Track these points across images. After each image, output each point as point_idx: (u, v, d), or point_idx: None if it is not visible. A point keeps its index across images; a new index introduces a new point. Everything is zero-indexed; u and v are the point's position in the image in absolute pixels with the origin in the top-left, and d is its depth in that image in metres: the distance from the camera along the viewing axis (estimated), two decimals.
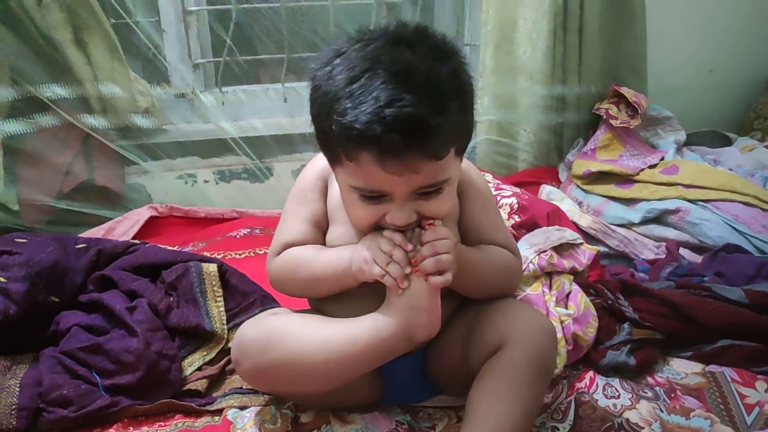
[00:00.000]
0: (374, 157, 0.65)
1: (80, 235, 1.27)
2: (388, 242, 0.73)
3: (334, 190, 0.82)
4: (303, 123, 1.62)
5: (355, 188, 0.71)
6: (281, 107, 1.62)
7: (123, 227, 1.43)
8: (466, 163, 0.86)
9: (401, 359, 0.81)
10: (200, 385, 0.89)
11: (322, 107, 0.69)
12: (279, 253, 0.83)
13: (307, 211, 0.83)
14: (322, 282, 0.79)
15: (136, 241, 1.13)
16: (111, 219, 1.45)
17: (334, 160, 0.73)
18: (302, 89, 1.63)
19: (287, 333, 0.74)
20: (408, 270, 0.71)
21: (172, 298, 0.98)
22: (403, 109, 0.62)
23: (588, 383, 0.92)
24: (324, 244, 0.83)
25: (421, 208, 0.72)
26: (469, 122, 0.73)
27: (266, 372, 0.75)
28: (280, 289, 0.86)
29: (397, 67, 0.64)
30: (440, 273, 0.72)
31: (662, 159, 1.48)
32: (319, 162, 0.84)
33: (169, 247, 1.21)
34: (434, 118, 0.64)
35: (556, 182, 1.63)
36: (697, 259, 1.22)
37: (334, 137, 0.67)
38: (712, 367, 0.95)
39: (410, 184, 0.69)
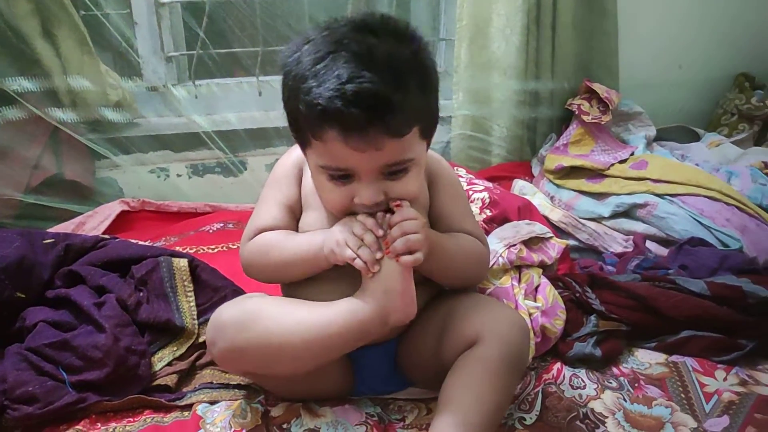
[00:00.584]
0: (338, 134, 0.68)
1: (49, 230, 1.25)
2: (361, 226, 0.74)
3: (309, 176, 0.83)
4: (277, 117, 1.61)
5: (324, 168, 0.73)
6: (255, 101, 1.61)
7: (94, 222, 1.41)
8: (435, 155, 0.88)
9: (372, 349, 0.82)
10: (170, 380, 0.89)
11: (291, 90, 0.71)
12: (252, 238, 0.84)
13: (281, 196, 0.84)
14: (293, 265, 0.80)
15: (106, 236, 1.11)
16: (81, 213, 1.43)
17: (304, 143, 0.75)
18: (277, 83, 1.59)
19: (264, 313, 0.75)
20: (379, 255, 0.73)
21: (141, 294, 0.97)
22: (363, 84, 0.65)
23: (555, 374, 0.94)
24: (297, 230, 0.84)
25: (388, 189, 0.74)
26: (432, 104, 0.75)
27: (242, 351, 0.74)
28: (251, 274, 0.86)
29: (360, 48, 0.67)
30: (411, 253, 0.73)
31: (632, 154, 1.51)
32: (294, 152, 0.86)
33: (140, 242, 1.20)
34: (393, 94, 0.66)
35: (530, 177, 1.65)
36: (664, 252, 1.24)
37: (302, 118, 0.70)
38: (675, 357, 0.97)
39: (374, 161, 0.71)
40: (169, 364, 0.93)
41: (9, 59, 1.33)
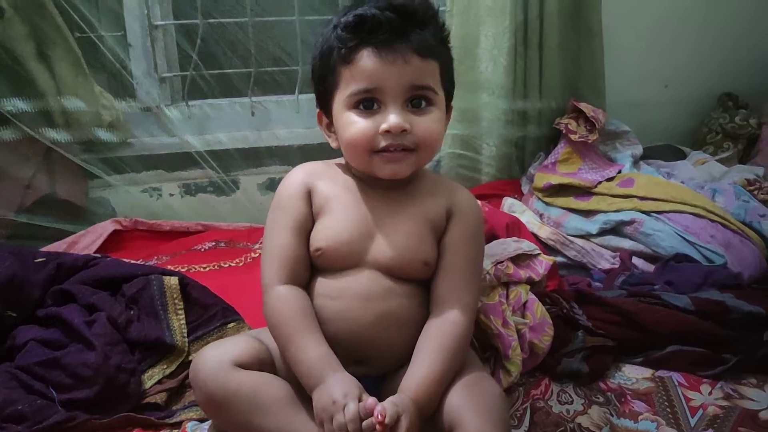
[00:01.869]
0: (370, 48, 0.76)
1: (41, 249, 1.26)
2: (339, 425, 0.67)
3: (320, 186, 0.84)
4: (269, 137, 1.64)
5: (353, 95, 0.77)
6: (248, 121, 1.64)
7: (86, 241, 1.41)
8: (465, 191, 0.88)
9: None
10: (159, 398, 0.89)
11: (324, 45, 0.80)
12: (279, 277, 0.80)
13: (288, 219, 0.83)
14: (290, 364, 0.77)
15: (97, 255, 1.12)
16: (74, 233, 1.43)
17: (333, 86, 0.80)
18: (269, 103, 1.64)
19: (245, 404, 0.73)
20: None
21: (132, 312, 0.98)
22: (395, 1, 0.76)
23: (543, 390, 0.95)
24: (307, 252, 0.83)
25: (412, 122, 0.77)
26: (449, 58, 0.84)
27: (220, 420, 0.79)
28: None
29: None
30: None
31: (619, 172, 1.53)
32: (296, 172, 0.87)
33: (132, 261, 1.20)
34: (421, 12, 0.77)
35: (519, 195, 1.67)
36: (651, 268, 1.26)
37: (335, 55, 0.78)
38: (661, 372, 0.98)
39: (401, 76, 0.76)
40: (159, 382, 0.93)
41: (4, 80, 1.35)
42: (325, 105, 0.84)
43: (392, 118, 0.76)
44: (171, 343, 0.96)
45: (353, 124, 0.78)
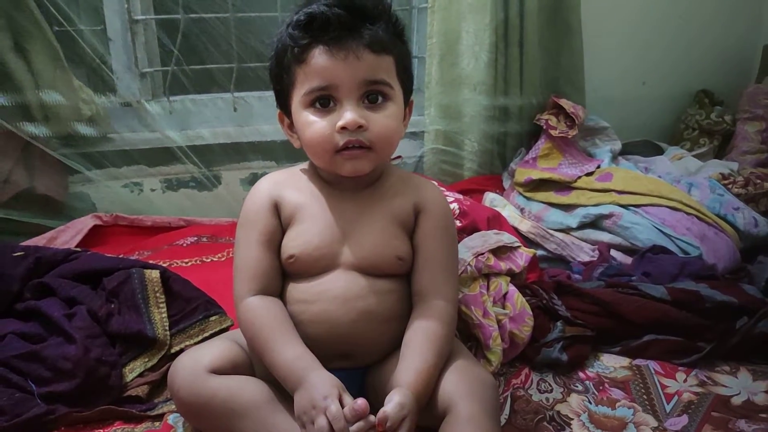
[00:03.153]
0: (322, 46, 0.75)
1: (20, 244, 1.24)
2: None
3: (287, 196, 0.84)
4: (252, 132, 1.63)
5: (308, 94, 0.77)
6: (230, 116, 1.63)
7: (66, 236, 1.40)
8: (432, 185, 0.89)
9: (337, 376, 0.81)
10: (141, 391, 0.89)
11: (278, 46, 0.80)
12: (249, 290, 0.80)
13: (256, 234, 0.83)
14: (270, 368, 0.77)
15: (77, 249, 1.12)
16: (53, 228, 1.42)
17: (289, 86, 0.80)
18: (252, 99, 1.64)
19: (222, 409, 0.73)
20: None
21: (113, 305, 0.97)
22: None
23: (524, 379, 0.96)
24: (278, 262, 0.83)
25: (368, 118, 0.77)
26: (405, 51, 0.83)
27: (201, 426, 0.79)
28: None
29: None
30: None
31: (598, 167, 1.56)
32: (262, 185, 0.86)
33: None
34: (372, 8, 0.77)
35: (500, 190, 1.69)
36: (629, 260, 1.28)
37: (288, 54, 0.78)
38: (638, 361, 1.00)
39: (354, 72, 0.76)
40: (141, 375, 0.93)
41: None
42: (283, 105, 0.84)
43: (348, 115, 0.76)
44: (152, 336, 0.95)
45: (311, 125, 0.78)
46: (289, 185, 0.86)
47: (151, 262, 1.18)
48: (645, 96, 1.92)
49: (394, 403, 0.67)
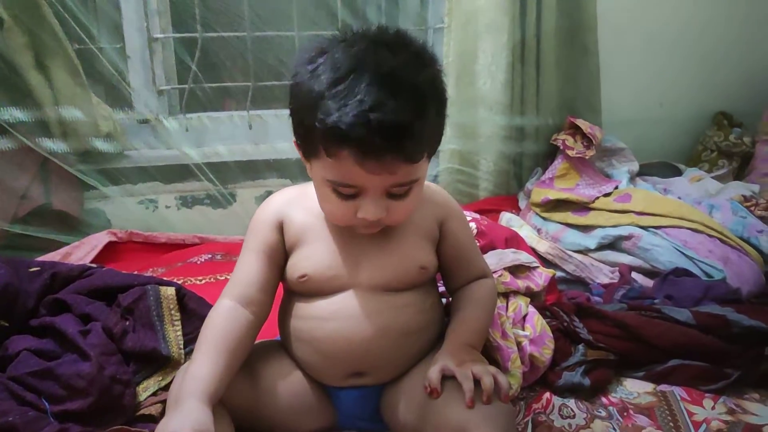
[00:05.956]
0: (355, 156, 0.67)
1: (36, 259, 1.24)
2: None
3: (295, 217, 0.83)
4: (267, 150, 1.64)
5: (330, 182, 0.72)
6: (246, 134, 1.63)
7: (80, 252, 1.40)
8: (444, 192, 0.90)
9: (352, 394, 0.81)
10: (155, 410, 0.87)
11: (305, 104, 0.70)
12: (230, 293, 0.80)
13: (257, 243, 0.82)
14: None
15: (93, 265, 1.11)
16: (68, 244, 1.42)
17: (311, 153, 0.73)
18: (268, 116, 1.64)
19: None
20: None
21: (128, 322, 0.96)
22: (387, 114, 0.64)
23: (545, 404, 0.94)
24: (276, 275, 0.83)
25: (390, 206, 0.74)
26: (442, 127, 0.76)
27: None
28: None
29: (381, 70, 0.66)
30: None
31: (616, 188, 1.54)
32: (272, 203, 0.85)
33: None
34: (414, 124, 0.67)
35: (516, 210, 1.67)
36: (649, 283, 1.26)
37: (317, 133, 0.68)
38: (662, 387, 0.97)
39: (385, 182, 0.71)
40: (154, 393, 0.91)
41: (1, 90, 1.35)
42: (300, 147, 0.77)
43: (369, 210, 0.72)
44: (166, 354, 0.94)
45: (330, 203, 0.75)
46: (299, 205, 0.84)
47: (165, 279, 1.17)
48: (662, 117, 1.90)
49: (430, 369, 0.74)
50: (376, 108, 0.64)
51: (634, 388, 0.98)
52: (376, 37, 0.71)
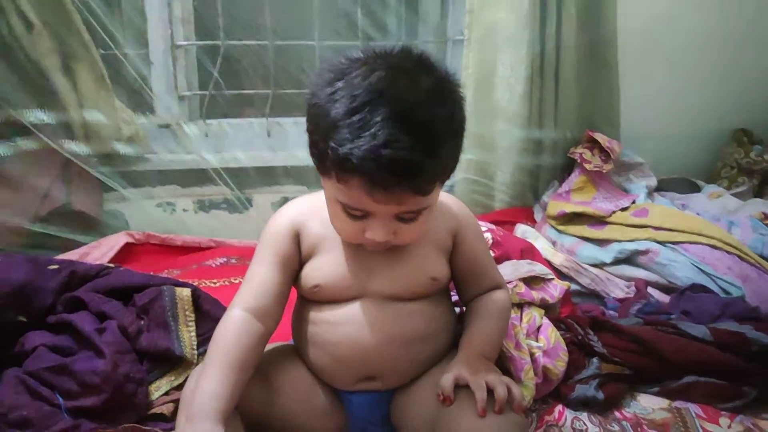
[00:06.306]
0: (364, 186, 0.67)
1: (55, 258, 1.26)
2: None
3: (310, 227, 0.83)
4: (285, 157, 1.65)
5: (340, 203, 0.72)
6: (265, 141, 1.65)
7: (98, 253, 1.42)
8: (458, 202, 0.89)
9: (363, 398, 0.82)
10: (166, 409, 0.88)
11: (320, 128, 0.69)
12: (243, 303, 0.79)
13: (272, 254, 0.82)
14: None
15: (110, 264, 1.12)
16: (86, 244, 1.44)
17: (323, 173, 0.73)
18: (286, 124, 1.66)
19: None
20: None
21: (143, 322, 0.97)
22: (399, 152, 0.63)
23: (557, 416, 0.93)
24: (290, 285, 0.83)
25: (398, 229, 0.73)
26: (458, 159, 0.75)
27: None
28: None
29: (398, 106, 0.65)
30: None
31: (633, 202, 1.53)
32: (287, 212, 0.85)
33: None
34: (427, 161, 0.66)
35: (532, 222, 1.66)
36: (665, 299, 1.24)
37: (329, 159, 0.68)
38: (678, 403, 0.96)
39: (394, 210, 0.71)
40: (167, 393, 0.92)
41: (28, 92, 1.37)
42: (314, 162, 0.76)
43: (379, 233, 0.72)
44: (180, 354, 0.95)
45: (339, 220, 0.75)
46: (313, 215, 0.83)
47: (180, 280, 1.18)
48: (681, 133, 1.88)
49: (444, 377, 0.74)
50: (389, 144, 0.63)
51: (649, 404, 0.96)
52: (397, 63, 0.69)
